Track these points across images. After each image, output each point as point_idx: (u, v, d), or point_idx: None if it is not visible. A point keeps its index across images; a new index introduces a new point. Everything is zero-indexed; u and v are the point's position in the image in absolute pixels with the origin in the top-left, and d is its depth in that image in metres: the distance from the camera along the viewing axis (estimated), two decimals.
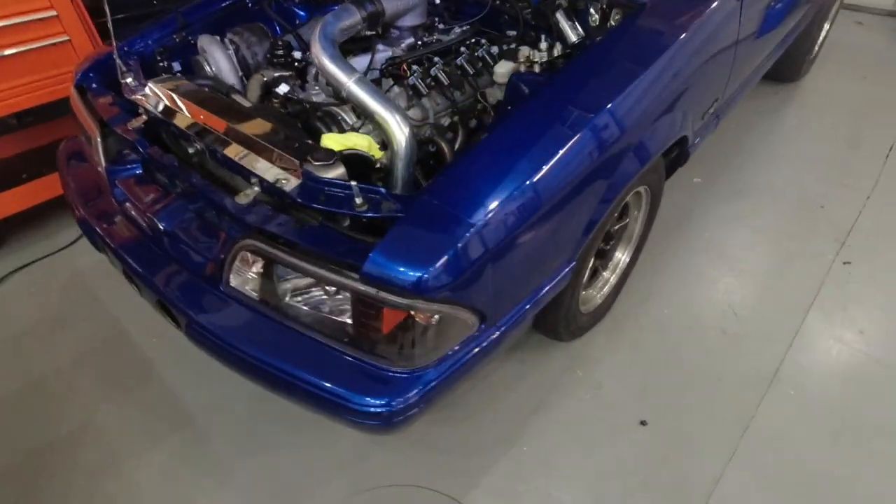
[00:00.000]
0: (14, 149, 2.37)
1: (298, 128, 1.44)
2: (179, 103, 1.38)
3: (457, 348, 1.10)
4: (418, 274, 0.96)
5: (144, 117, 1.46)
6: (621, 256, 1.81)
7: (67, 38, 2.01)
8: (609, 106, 1.19)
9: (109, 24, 1.46)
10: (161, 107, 1.41)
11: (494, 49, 1.62)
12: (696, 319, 1.86)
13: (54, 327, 1.88)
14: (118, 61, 1.55)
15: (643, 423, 1.57)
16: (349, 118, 1.57)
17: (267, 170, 1.18)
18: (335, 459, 1.50)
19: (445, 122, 1.60)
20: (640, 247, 1.86)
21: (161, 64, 1.73)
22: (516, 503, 1.40)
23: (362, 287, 1.00)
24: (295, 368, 1.09)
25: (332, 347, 1.11)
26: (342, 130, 1.55)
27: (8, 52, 1.89)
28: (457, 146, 1.53)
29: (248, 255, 1.15)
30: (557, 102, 1.21)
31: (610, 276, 1.80)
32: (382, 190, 1.10)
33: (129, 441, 1.57)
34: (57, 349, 1.81)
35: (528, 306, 1.21)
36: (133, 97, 1.49)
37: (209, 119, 1.32)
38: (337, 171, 1.19)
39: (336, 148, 1.25)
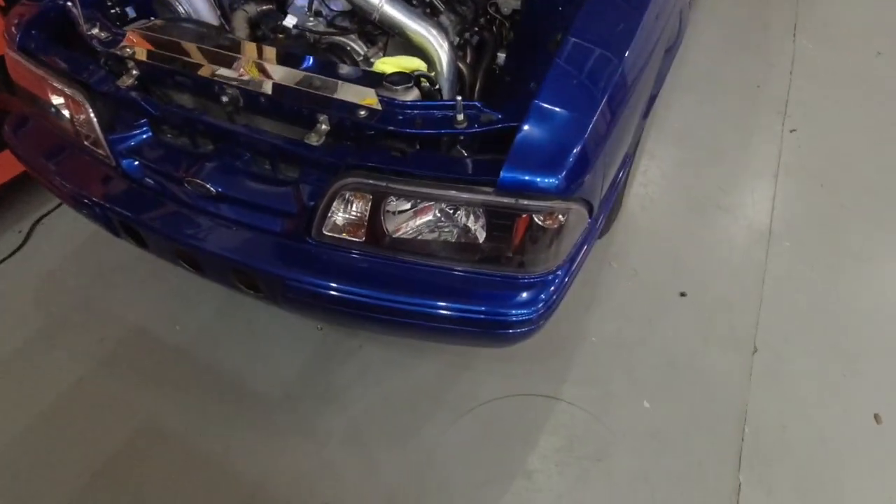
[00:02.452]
0: None
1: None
2: (198, 48, 1.21)
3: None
4: (556, 175, 0.97)
5: (136, 72, 1.25)
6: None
7: None
8: None
9: None
10: (157, 57, 1.22)
11: None
12: (691, 197, 2.06)
13: (51, 339, 1.63)
14: (76, 11, 1.30)
15: (683, 294, 1.75)
16: (359, 48, 1.47)
17: (337, 103, 1.10)
18: (427, 394, 1.52)
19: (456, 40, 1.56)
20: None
21: (113, 11, 1.47)
22: (607, 385, 1.53)
23: (501, 199, 0.99)
24: (431, 300, 1.07)
25: (456, 271, 1.10)
26: (354, 61, 1.46)
27: None
28: (468, 61, 1.50)
29: (347, 195, 1.08)
30: None
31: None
32: (478, 104, 1.07)
33: (200, 429, 1.45)
34: (67, 362, 1.58)
35: (614, 193, 1.28)
36: (114, 50, 1.26)
37: (244, 60, 1.18)
38: (414, 94, 1.14)
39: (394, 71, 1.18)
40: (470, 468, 1.39)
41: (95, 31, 1.30)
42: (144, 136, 1.29)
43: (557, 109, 1.03)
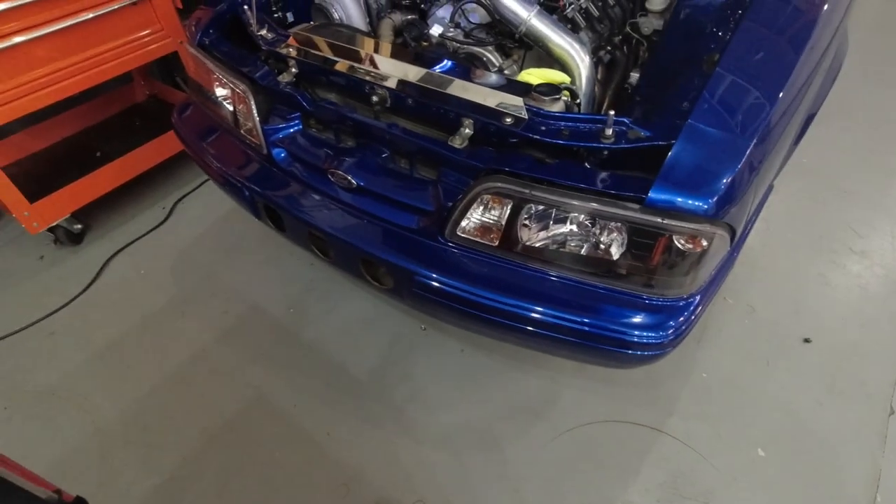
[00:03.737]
0: (72, 127, 2.18)
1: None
2: (353, 50, 1.29)
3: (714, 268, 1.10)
4: (708, 198, 0.94)
5: (295, 70, 1.36)
6: None
7: None
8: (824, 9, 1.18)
9: None
10: (315, 57, 1.31)
11: None
12: (818, 237, 1.92)
13: (182, 308, 1.79)
14: (250, 13, 1.43)
15: (807, 340, 1.63)
16: (495, 59, 1.51)
17: (484, 109, 1.13)
18: (527, 407, 1.51)
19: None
20: None
21: (277, 15, 1.61)
22: (717, 426, 1.45)
23: (647, 217, 0.97)
24: (559, 311, 1.07)
25: (584, 284, 1.09)
26: (488, 71, 1.50)
27: (87, 15, 1.70)
28: (599, 77, 1.49)
29: (486, 198, 1.10)
30: (779, 6, 1.18)
31: None
32: (627, 120, 1.06)
33: (306, 411, 1.53)
34: (193, 330, 1.73)
35: (754, 219, 1.22)
36: (278, 49, 1.37)
37: (395, 64, 1.25)
38: (560, 105, 1.15)
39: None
40: (566, 488, 1.35)
41: (263, 32, 1.43)
42: (294, 129, 1.40)
43: (712, 130, 1.00)
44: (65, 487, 1.41)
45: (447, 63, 1.26)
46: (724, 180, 0.96)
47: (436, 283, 1.14)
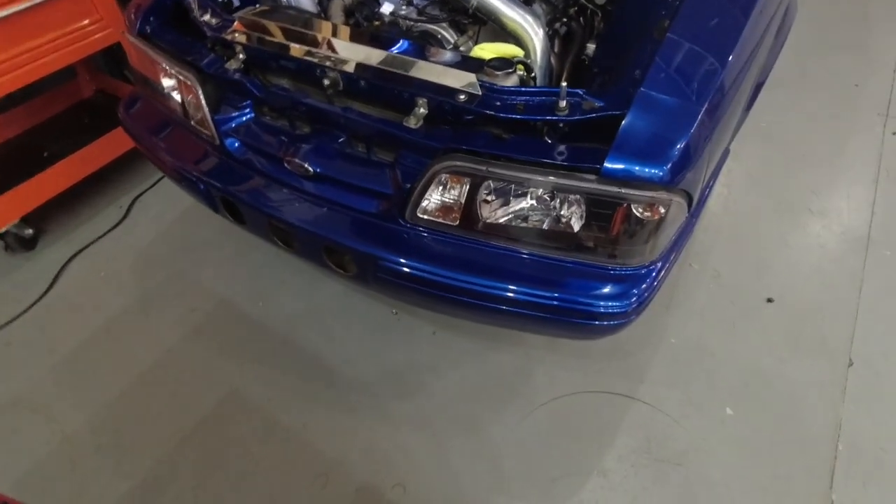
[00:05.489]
0: (16, 127, 2.09)
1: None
2: (302, 33, 1.25)
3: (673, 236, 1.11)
4: (662, 165, 0.94)
5: (242, 56, 1.31)
6: None
7: None
8: None
9: None
10: (264, 42, 1.27)
11: None
12: (778, 200, 1.96)
13: (146, 308, 1.74)
14: None
15: (770, 300, 1.67)
16: (450, 36, 1.48)
17: (437, 87, 1.11)
18: (502, 384, 1.52)
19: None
20: None
21: None
22: (687, 389, 1.48)
23: (604, 187, 0.97)
24: (522, 286, 1.07)
25: (547, 259, 1.09)
26: (442, 49, 1.47)
27: (19, 6, 1.61)
28: (555, 50, 1.48)
29: (444, 178, 1.09)
30: None
31: None
32: (581, 91, 1.06)
33: (281, 404, 1.51)
34: (160, 330, 1.68)
35: (712, 184, 1.23)
36: (224, 35, 1.32)
37: (346, 46, 1.21)
38: (514, 80, 1.14)
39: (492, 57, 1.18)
40: (543, 462, 1.37)
41: (207, 17, 1.37)
42: (246, 118, 1.35)
43: (664, 97, 1.00)
44: (36, 498, 1.37)
45: (399, 42, 1.23)
46: (678, 146, 0.96)
47: (399, 267, 1.13)
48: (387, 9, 1.45)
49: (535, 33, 1.31)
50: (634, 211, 1.00)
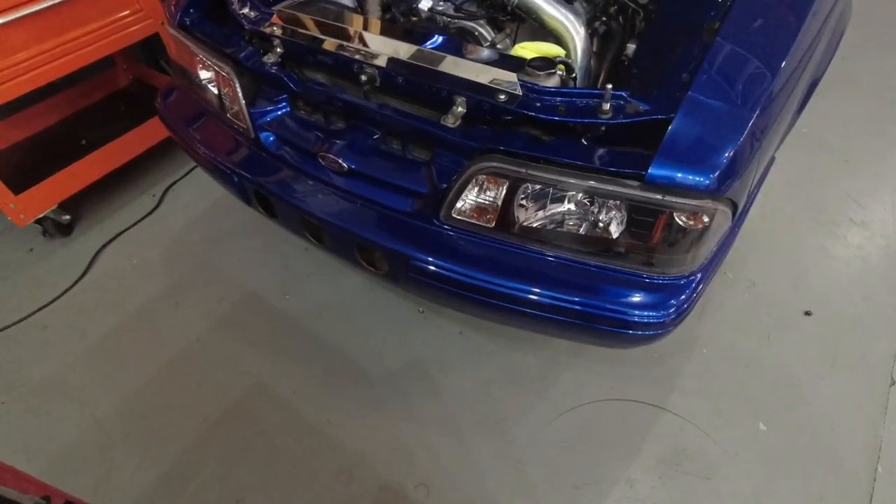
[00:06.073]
0: (55, 115, 2.13)
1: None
2: (339, 28, 1.24)
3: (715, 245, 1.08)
4: (709, 173, 0.91)
5: (280, 50, 1.31)
6: None
7: None
8: None
9: None
10: (301, 36, 1.26)
11: None
12: (818, 209, 1.89)
13: (175, 297, 1.76)
14: None
15: (807, 312, 1.62)
16: (487, 33, 1.46)
17: (476, 86, 1.09)
18: (528, 388, 1.50)
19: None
20: None
21: None
22: (718, 401, 1.44)
23: (647, 194, 0.94)
24: (557, 291, 1.05)
25: (583, 264, 1.07)
26: (480, 46, 1.45)
27: None
28: (594, 50, 1.45)
29: (482, 178, 1.07)
30: None
31: None
32: (625, 94, 1.03)
33: (306, 397, 1.52)
34: (188, 319, 1.70)
35: (756, 192, 1.19)
36: (261, 28, 1.32)
37: (383, 41, 1.20)
38: (555, 80, 1.11)
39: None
40: (568, 467, 1.35)
41: (245, 10, 1.37)
42: (282, 112, 1.35)
43: (713, 102, 0.97)
44: (65, 481, 1.40)
45: (438, 39, 1.21)
46: (726, 154, 0.93)
47: (432, 267, 1.12)
48: (424, 4, 1.44)
49: (576, 32, 1.29)
50: (677, 219, 0.97)
